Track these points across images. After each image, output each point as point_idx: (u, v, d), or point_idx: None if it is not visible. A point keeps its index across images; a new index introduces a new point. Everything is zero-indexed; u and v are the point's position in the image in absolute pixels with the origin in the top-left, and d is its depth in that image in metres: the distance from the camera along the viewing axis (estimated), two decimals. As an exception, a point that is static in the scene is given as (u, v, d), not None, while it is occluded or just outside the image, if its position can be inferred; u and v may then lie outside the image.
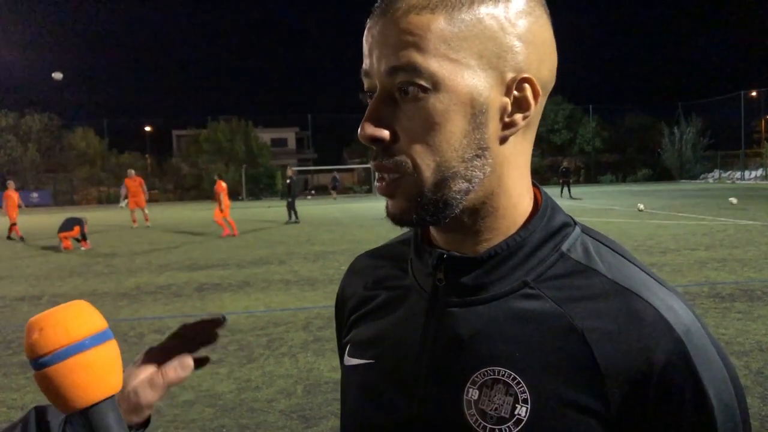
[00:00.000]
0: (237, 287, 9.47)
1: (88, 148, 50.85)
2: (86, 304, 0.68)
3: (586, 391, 0.66)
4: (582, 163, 57.98)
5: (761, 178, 47.00)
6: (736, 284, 8.21)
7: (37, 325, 0.65)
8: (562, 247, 0.74)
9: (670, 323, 0.67)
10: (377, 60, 0.70)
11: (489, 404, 0.69)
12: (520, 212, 0.75)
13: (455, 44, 0.67)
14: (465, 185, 0.70)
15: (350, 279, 0.93)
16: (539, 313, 0.70)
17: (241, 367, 5.49)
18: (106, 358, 0.65)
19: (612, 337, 0.67)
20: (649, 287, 0.70)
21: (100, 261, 13.17)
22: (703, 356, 0.67)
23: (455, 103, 0.68)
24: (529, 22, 0.70)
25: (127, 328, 7.09)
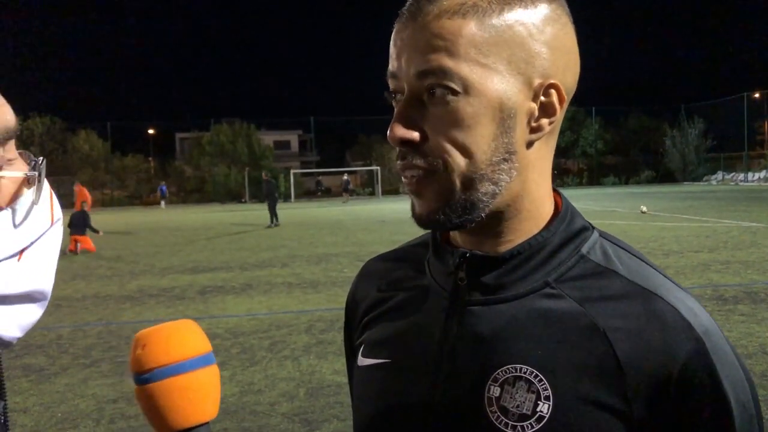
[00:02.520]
0: (240, 290, 9.48)
1: (92, 150, 50.96)
2: (193, 324, 0.67)
3: (607, 389, 0.67)
4: (585, 165, 57.97)
5: (764, 180, 46.88)
6: (740, 286, 8.18)
7: (141, 340, 0.65)
8: (582, 250, 0.76)
9: (690, 323, 0.68)
10: (406, 63, 0.70)
11: (511, 401, 0.69)
12: (541, 215, 0.77)
13: (485, 49, 0.68)
14: (492, 188, 0.71)
15: (362, 282, 0.93)
16: (561, 312, 0.71)
17: (243, 370, 5.48)
18: (203, 382, 0.64)
19: (634, 336, 0.68)
20: (668, 289, 0.72)
21: (103, 264, 13.20)
22: (721, 356, 0.68)
23: (485, 107, 0.69)
24: (556, 29, 0.72)
25: (130, 331, 7.09)
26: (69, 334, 7.11)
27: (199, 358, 0.64)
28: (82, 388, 5.18)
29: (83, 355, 6.21)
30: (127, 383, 5.24)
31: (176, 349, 0.63)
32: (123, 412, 4.61)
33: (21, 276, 0.80)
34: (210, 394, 0.64)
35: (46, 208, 0.87)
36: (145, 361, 0.63)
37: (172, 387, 0.62)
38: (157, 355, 0.63)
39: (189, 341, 0.65)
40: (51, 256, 0.88)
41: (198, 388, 0.63)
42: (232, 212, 33.21)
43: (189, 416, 0.62)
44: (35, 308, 0.84)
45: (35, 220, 0.83)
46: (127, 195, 51.32)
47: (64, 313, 8.14)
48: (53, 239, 0.88)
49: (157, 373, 0.62)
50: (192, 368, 0.63)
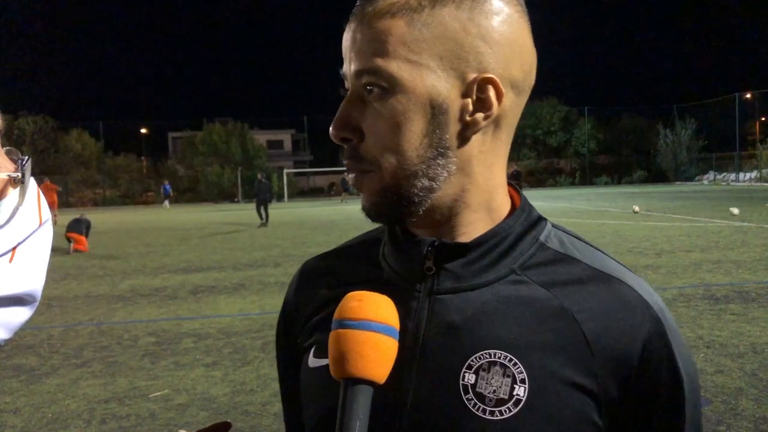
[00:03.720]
0: (232, 289, 9.46)
1: (84, 150, 50.80)
2: (392, 303, 0.72)
3: (578, 369, 0.70)
4: (577, 164, 58.12)
5: (756, 180, 47.13)
6: (731, 286, 8.22)
7: (358, 296, 0.71)
8: (540, 238, 0.78)
9: (649, 303, 0.73)
10: (349, 63, 0.74)
11: (487, 387, 0.70)
12: (495, 207, 0.78)
13: (415, 47, 0.70)
14: (428, 183, 0.72)
15: (305, 281, 0.92)
16: (530, 297, 0.74)
17: (235, 370, 5.47)
18: (390, 348, 0.70)
19: (600, 317, 0.71)
20: (625, 273, 0.76)
21: (95, 263, 13.15)
22: (674, 334, 0.73)
23: (415, 104, 0.70)
24: (496, 23, 0.71)
25: (122, 331, 7.07)
26: (60, 334, 7.07)
27: (393, 329, 0.70)
28: (73, 389, 5.15)
29: (74, 355, 6.18)
30: (120, 383, 5.23)
31: (383, 314, 0.70)
32: (114, 412, 4.59)
33: (11, 278, 0.79)
34: (389, 361, 0.69)
35: (34, 208, 0.86)
36: (358, 311, 0.69)
37: (369, 339, 0.68)
38: (368, 311, 0.69)
39: (392, 313, 0.71)
40: (41, 258, 0.87)
41: (385, 351, 0.69)
42: (224, 212, 33.15)
43: (368, 369, 0.67)
44: (24, 310, 0.83)
45: (22, 221, 0.82)
46: (119, 194, 51.16)
47: (56, 313, 8.10)
48: (43, 240, 0.87)
49: (366, 324, 0.69)
50: (387, 333, 0.70)
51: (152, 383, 5.21)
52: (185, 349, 6.22)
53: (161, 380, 5.28)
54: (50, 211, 0.89)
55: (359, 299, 0.71)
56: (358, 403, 0.67)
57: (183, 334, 6.80)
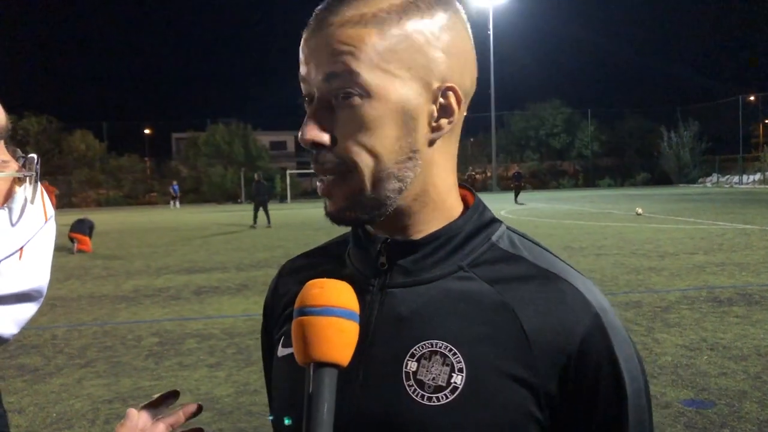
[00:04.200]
0: (236, 290, 9.47)
1: (87, 150, 50.84)
2: (352, 289, 0.76)
3: (517, 361, 0.73)
4: (580, 167, 58.05)
5: (759, 182, 47.02)
6: (735, 288, 8.21)
7: (319, 283, 0.74)
8: (492, 238, 0.82)
9: (589, 301, 0.75)
10: (315, 68, 0.75)
11: (427, 374, 0.74)
12: (448, 206, 0.83)
13: (387, 56, 0.73)
14: (398, 185, 0.77)
15: (282, 279, 0.99)
16: (474, 292, 0.78)
17: (239, 371, 5.48)
18: (352, 332, 0.73)
19: (540, 313, 0.75)
20: (570, 272, 0.79)
21: (98, 264, 13.17)
22: (615, 331, 0.75)
23: (388, 110, 0.74)
24: (452, 36, 0.77)
25: (126, 331, 7.09)
26: (64, 334, 7.09)
27: (354, 314, 0.74)
28: (77, 389, 5.17)
29: (78, 355, 6.20)
30: (123, 383, 5.25)
31: (344, 299, 0.74)
32: (118, 412, 4.60)
33: (20, 274, 0.81)
34: (352, 343, 0.73)
35: (39, 206, 0.87)
36: (320, 298, 0.73)
37: (332, 323, 0.72)
38: (330, 297, 0.73)
39: (352, 298, 0.75)
40: (46, 254, 0.89)
41: (348, 335, 0.72)
42: (228, 212, 33.19)
43: (332, 353, 0.71)
44: (32, 305, 0.85)
45: (30, 219, 0.83)
46: (122, 195, 51.21)
47: (59, 313, 8.12)
48: (48, 236, 0.89)
49: (328, 310, 0.72)
50: (349, 317, 0.73)
51: (156, 383, 5.22)
52: (189, 349, 6.23)
53: (165, 380, 5.30)
54: None
55: (320, 286, 0.74)
56: (325, 385, 0.70)
57: (187, 335, 6.81)
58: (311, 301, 0.73)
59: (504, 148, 56.90)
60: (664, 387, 4.71)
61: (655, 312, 7.08)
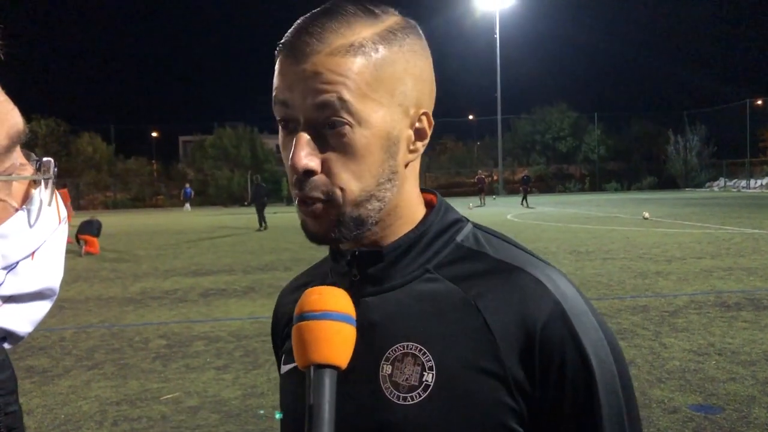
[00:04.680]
0: (242, 293, 9.49)
1: (95, 153, 51.07)
2: (348, 295, 0.80)
3: (484, 355, 0.75)
4: (587, 170, 57.94)
5: (766, 186, 46.83)
6: (743, 293, 8.18)
7: (317, 290, 0.78)
8: (457, 238, 0.85)
9: (548, 288, 0.77)
10: (302, 95, 0.76)
11: (400, 375, 0.78)
12: (416, 215, 0.87)
13: (374, 85, 0.77)
14: (378, 204, 0.81)
15: (282, 300, 1.03)
16: (439, 292, 0.81)
17: (246, 374, 5.49)
18: (350, 335, 0.76)
19: (500, 305, 0.77)
20: (531, 263, 0.82)
21: (105, 266, 13.22)
22: (580, 317, 0.77)
23: (375, 137, 0.78)
24: (421, 63, 0.82)
25: (133, 333, 7.11)
26: (72, 336, 7.12)
27: (351, 318, 0.78)
28: (85, 390, 5.19)
29: (86, 357, 6.22)
30: (131, 385, 5.26)
31: (342, 304, 0.77)
32: (126, 414, 4.62)
33: (35, 274, 0.83)
34: (350, 346, 0.76)
35: (54, 208, 0.90)
36: (318, 303, 0.76)
37: (331, 327, 0.75)
38: (328, 302, 0.76)
39: (348, 303, 0.78)
40: (59, 254, 0.92)
41: (346, 337, 0.76)
42: (234, 215, 33.30)
43: (332, 355, 0.74)
44: (45, 304, 0.88)
45: (46, 220, 0.86)
46: (129, 197, 51.39)
47: (67, 315, 8.16)
48: (61, 238, 0.91)
49: (328, 314, 0.75)
50: (347, 321, 0.76)
51: (163, 386, 5.24)
52: (196, 351, 6.25)
53: (172, 383, 5.31)
54: None
55: (319, 293, 0.78)
56: (326, 386, 0.73)
57: (194, 337, 6.83)
58: (310, 307, 0.76)
59: (510, 151, 56.82)
60: (672, 392, 4.69)
61: (663, 316, 7.05)
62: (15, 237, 0.78)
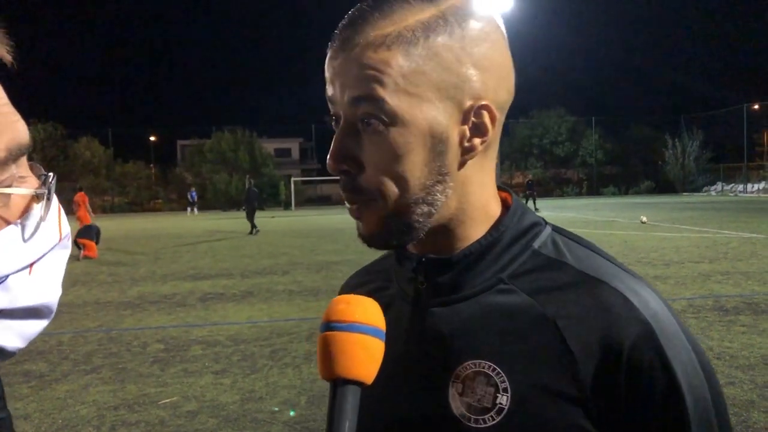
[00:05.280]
0: (240, 297, 9.47)
1: (93, 157, 51.04)
2: (378, 306, 0.75)
3: (561, 377, 0.70)
4: (585, 175, 58.01)
5: (763, 191, 46.91)
6: (741, 297, 8.18)
7: (345, 299, 0.73)
8: (534, 245, 0.78)
9: (636, 306, 0.70)
10: (340, 89, 0.73)
11: (472, 396, 0.72)
12: (487, 219, 0.79)
13: (413, 79, 0.70)
14: (427, 209, 0.74)
15: None
16: (514, 306, 0.74)
17: (244, 378, 5.48)
18: (377, 350, 0.71)
19: (582, 323, 0.71)
20: (616, 275, 0.74)
21: (103, 270, 13.19)
22: (670, 339, 0.70)
23: (416, 135, 0.71)
24: (485, 48, 0.73)
25: (131, 338, 7.09)
26: (70, 340, 7.10)
27: (381, 331, 0.72)
28: (83, 395, 5.17)
29: (84, 361, 6.20)
30: (129, 390, 5.25)
31: (371, 316, 0.72)
32: (124, 419, 4.60)
33: (30, 290, 0.82)
34: (376, 361, 0.71)
35: (55, 224, 0.88)
36: (346, 313, 0.71)
37: (357, 340, 0.70)
38: (356, 313, 0.71)
39: (378, 315, 0.73)
40: (58, 271, 0.90)
41: (373, 352, 0.71)
42: (232, 219, 33.24)
43: (356, 370, 0.69)
44: (41, 321, 0.86)
45: (44, 236, 0.84)
46: (127, 201, 51.35)
47: (65, 320, 8.13)
48: (61, 255, 0.90)
49: (355, 326, 0.71)
50: (375, 335, 0.71)
51: (161, 390, 5.23)
52: (194, 356, 6.23)
53: (170, 387, 5.30)
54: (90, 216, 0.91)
55: (347, 302, 0.73)
56: (348, 402, 0.69)
57: (192, 341, 6.82)
58: (336, 317, 0.72)
59: (508, 156, 56.88)
60: (671, 396, 4.68)
61: (661, 321, 7.04)
62: (5, 251, 0.76)
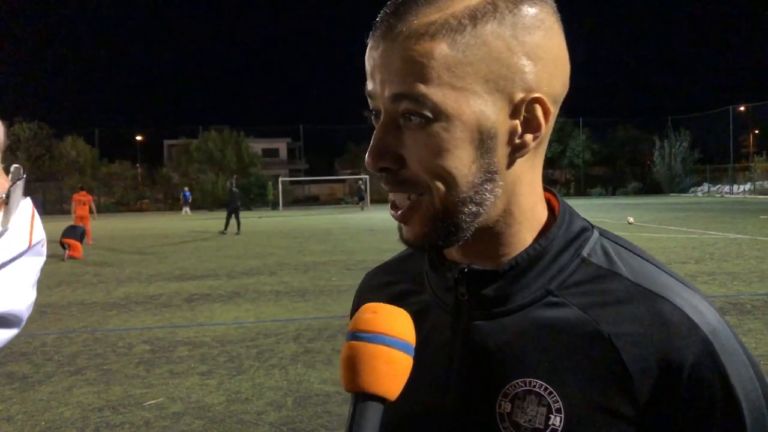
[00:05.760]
0: (227, 298, 9.43)
1: (79, 156, 50.64)
2: (409, 317, 0.71)
3: (617, 397, 0.66)
4: (572, 175, 58.25)
5: (749, 192, 47.32)
6: (726, 298, 8.23)
7: (372, 307, 0.70)
8: (583, 252, 0.74)
9: (696, 323, 0.67)
10: (380, 84, 0.69)
11: (522, 416, 0.69)
12: (534, 223, 0.75)
13: (459, 70, 0.66)
14: (475, 209, 0.70)
15: (365, 296, 0.91)
16: (565, 321, 0.70)
17: (230, 379, 5.44)
18: (404, 365, 0.68)
19: (639, 340, 0.67)
20: (672, 288, 0.70)
21: (89, 270, 13.09)
22: (730, 355, 0.67)
23: (462, 131, 0.67)
24: (538, 37, 0.68)
25: (116, 339, 7.03)
26: (54, 341, 7.03)
27: (409, 345, 0.68)
28: (67, 396, 5.12)
29: (68, 362, 6.14)
30: (114, 391, 5.20)
31: (398, 328, 0.68)
32: (108, 420, 4.56)
33: None
34: (401, 378, 0.67)
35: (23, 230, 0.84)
36: (372, 323, 0.68)
37: (382, 353, 0.66)
38: (384, 324, 0.68)
39: (408, 328, 0.69)
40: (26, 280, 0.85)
41: (398, 368, 0.67)
42: (219, 219, 33.05)
43: (379, 385, 0.66)
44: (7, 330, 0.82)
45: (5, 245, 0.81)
46: (113, 201, 51.00)
47: (49, 320, 8.06)
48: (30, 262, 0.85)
49: (380, 337, 0.67)
50: (401, 348, 0.68)
51: (147, 391, 5.18)
52: (180, 357, 6.19)
53: (156, 388, 5.25)
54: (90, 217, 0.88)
55: (374, 311, 0.69)
56: (367, 419, 0.66)
57: (178, 342, 6.77)
58: (363, 326, 0.68)
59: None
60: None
61: (648, 321, 7.07)
62: None
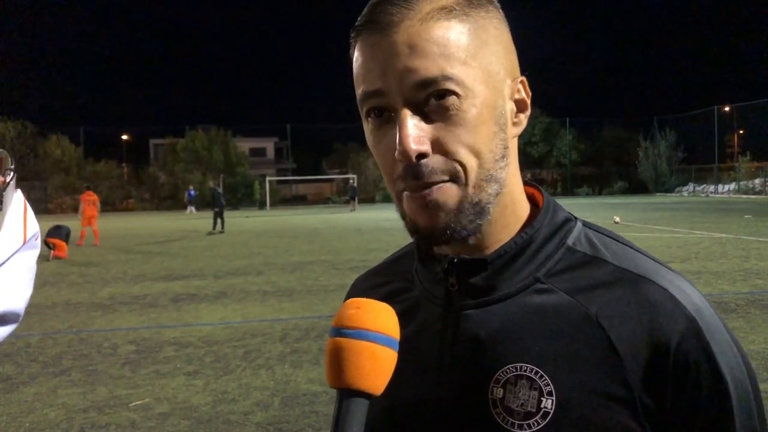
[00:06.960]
0: (214, 298, 9.39)
1: (63, 155, 50.26)
2: (393, 312, 0.71)
3: (607, 376, 0.68)
4: (558, 175, 58.52)
5: (734, 192, 47.74)
6: (710, 297, 8.29)
7: (355, 303, 0.70)
8: (568, 241, 0.77)
9: (681, 303, 0.70)
10: (398, 76, 0.68)
11: (515, 400, 0.70)
12: (521, 209, 0.78)
13: (473, 51, 0.70)
14: (496, 187, 0.72)
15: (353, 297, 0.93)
16: (554, 306, 0.72)
17: (217, 379, 5.42)
18: (387, 360, 0.68)
19: (627, 321, 0.69)
20: (657, 271, 0.73)
21: (74, 270, 13.00)
22: (714, 334, 0.69)
23: (484, 106, 0.70)
24: (506, 32, 0.75)
25: (102, 339, 6.99)
26: (38, 342, 6.98)
27: (392, 340, 0.69)
28: (51, 398, 5.08)
29: (53, 363, 6.10)
30: (99, 392, 5.17)
31: (382, 323, 0.69)
32: (93, 421, 4.53)
33: None
34: (386, 373, 0.68)
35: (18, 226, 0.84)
36: (355, 319, 0.68)
37: (365, 349, 0.67)
38: (367, 319, 0.68)
39: (392, 323, 0.70)
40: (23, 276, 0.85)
41: (381, 363, 0.68)
42: (205, 219, 32.94)
43: (363, 381, 0.67)
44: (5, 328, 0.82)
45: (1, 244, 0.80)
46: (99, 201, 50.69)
47: (34, 321, 7.99)
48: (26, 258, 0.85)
49: (363, 333, 0.68)
50: (385, 344, 0.68)
51: (132, 392, 5.15)
52: (166, 357, 6.16)
53: (142, 389, 5.23)
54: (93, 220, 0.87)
55: (357, 307, 0.70)
56: (353, 415, 0.66)
57: (164, 343, 6.74)
58: (346, 322, 0.69)
59: (483, 156, 57.19)
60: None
61: (633, 320, 7.12)
62: None
